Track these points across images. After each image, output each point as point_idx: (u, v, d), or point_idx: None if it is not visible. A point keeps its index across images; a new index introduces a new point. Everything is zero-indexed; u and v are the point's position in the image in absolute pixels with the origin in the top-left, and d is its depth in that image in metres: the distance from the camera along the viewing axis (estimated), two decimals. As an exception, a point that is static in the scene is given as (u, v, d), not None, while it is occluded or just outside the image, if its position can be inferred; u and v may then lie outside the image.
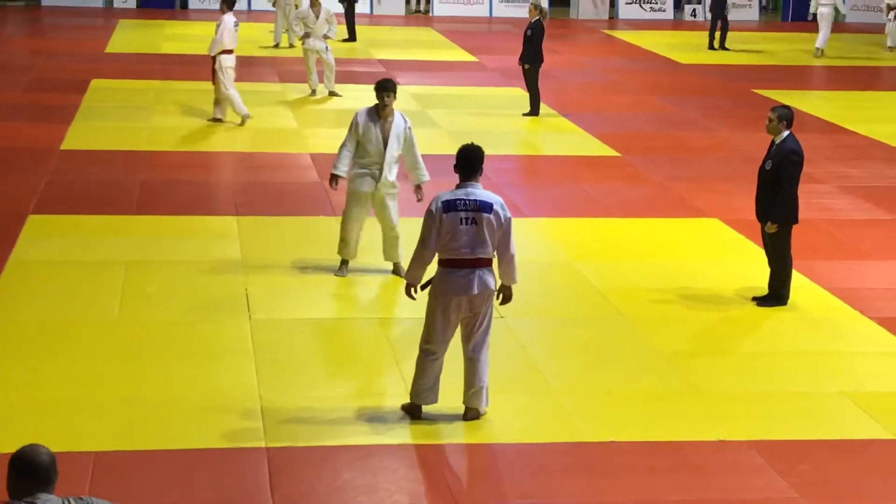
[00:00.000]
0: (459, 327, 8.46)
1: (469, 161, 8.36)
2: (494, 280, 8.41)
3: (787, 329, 10.74)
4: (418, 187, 11.47)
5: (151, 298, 10.87)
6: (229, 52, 17.74)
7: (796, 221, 11.07)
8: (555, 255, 12.67)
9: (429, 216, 8.29)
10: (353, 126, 11.26)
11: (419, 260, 8.43)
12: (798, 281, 11.53)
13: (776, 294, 11.19)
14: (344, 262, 11.64)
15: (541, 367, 9.63)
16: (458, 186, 8.37)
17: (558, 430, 8.52)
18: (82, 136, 17.31)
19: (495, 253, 8.38)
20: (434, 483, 7.78)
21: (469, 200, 8.23)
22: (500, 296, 8.57)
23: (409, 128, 11.33)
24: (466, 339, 8.46)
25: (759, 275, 11.51)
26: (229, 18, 17.74)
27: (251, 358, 9.56)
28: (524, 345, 10.08)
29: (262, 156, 16.74)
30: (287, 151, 16.98)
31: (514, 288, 8.60)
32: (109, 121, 18.40)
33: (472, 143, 8.46)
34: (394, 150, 11.25)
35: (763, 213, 11.08)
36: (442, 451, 8.22)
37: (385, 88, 11.07)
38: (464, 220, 8.20)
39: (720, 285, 11.69)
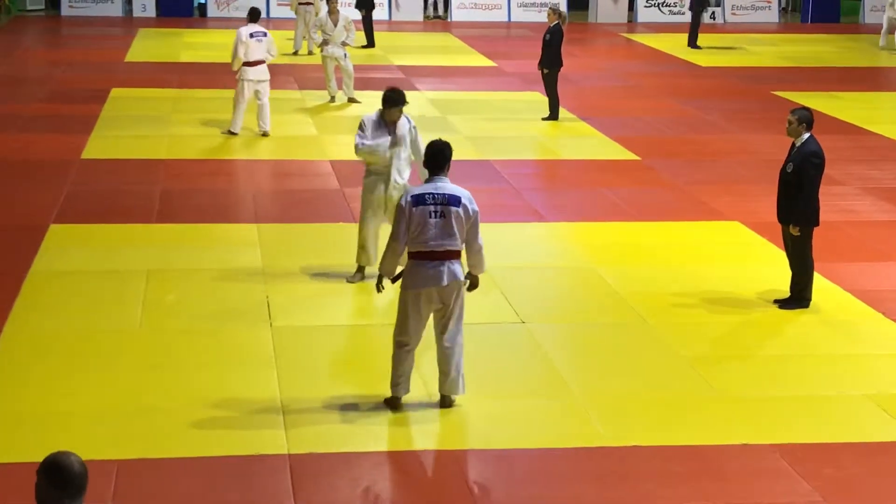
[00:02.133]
0: (432, 319, 8.70)
1: (436, 156, 8.62)
2: (462, 271, 8.63)
3: (810, 332, 10.70)
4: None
5: (173, 307, 10.90)
6: (252, 63, 17.68)
7: (817, 224, 11.03)
8: (575, 260, 12.65)
9: (399, 210, 8.58)
10: (363, 126, 11.34)
11: (391, 252, 8.71)
12: (820, 283, 11.48)
13: (798, 297, 11.16)
14: (360, 269, 11.67)
15: (562, 371, 9.61)
16: (426, 181, 8.64)
17: (580, 435, 8.50)
18: (102, 145, 17.38)
19: (464, 245, 8.62)
20: (455, 489, 7.77)
21: (438, 194, 8.49)
22: (468, 283, 8.81)
23: (414, 127, 11.43)
24: (441, 330, 8.69)
25: (780, 278, 11.47)
26: (244, 30, 17.65)
27: (273, 365, 9.58)
28: (545, 349, 10.07)
29: (281, 163, 16.78)
30: (307, 158, 17.01)
31: (534, 292, 8.71)
32: (129, 130, 18.46)
33: (440, 139, 8.77)
34: (402, 152, 11.32)
35: (784, 216, 11.05)
36: (463, 456, 8.22)
37: (397, 102, 11.13)
38: (433, 214, 8.45)
39: (741, 288, 11.66)
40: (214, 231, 13.31)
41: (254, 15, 18.09)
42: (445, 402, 8.80)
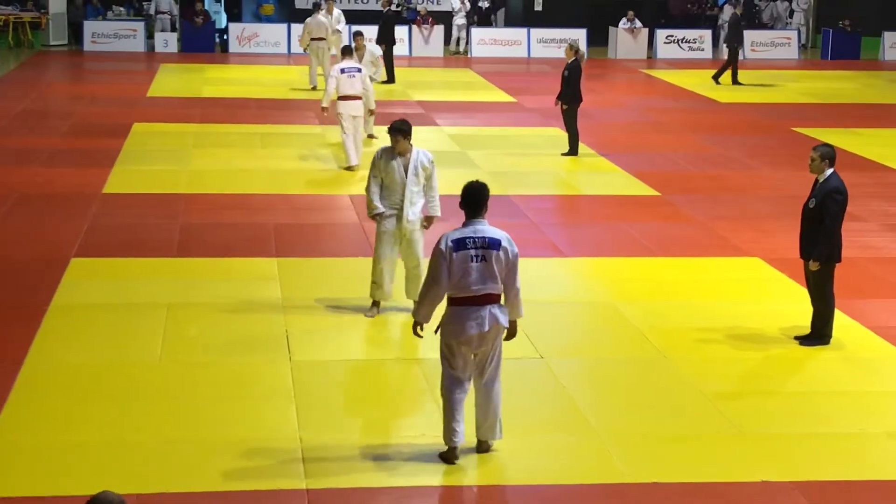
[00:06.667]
0: None
1: (474, 198, 8.42)
2: (505, 316, 8.42)
3: (831, 369, 10.65)
4: (428, 218, 11.63)
5: (193, 341, 10.92)
6: (344, 98, 18.28)
7: (839, 260, 11.00)
8: (595, 295, 12.63)
9: (438, 255, 8.32)
10: (374, 166, 11.44)
11: (430, 298, 8.45)
12: (841, 320, 11.44)
13: (819, 333, 11.11)
14: (375, 303, 11.70)
15: (581, 407, 9.58)
16: (464, 224, 8.42)
17: (599, 472, 8.47)
18: (124, 179, 17.46)
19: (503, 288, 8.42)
20: (475, 525, 7.75)
21: (478, 238, 8.30)
22: (505, 332, 8.54)
23: (432, 161, 11.47)
24: (479, 374, 8.51)
25: (801, 314, 11.43)
26: (336, 66, 18.59)
27: (292, 399, 9.58)
28: (565, 385, 10.04)
29: (301, 197, 16.83)
30: (326, 193, 17.07)
31: (553, 328, 8.64)
32: (151, 164, 18.56)
33: (478, 181, 8.53)
34: (413, 185, 11.36)
35: (807, 252, 11.01)
36: (481, 492, 8.19)
37: (397, 130, 11.21)
38: (474, 258, 8.26)
39: (762, 325, 11.62)
40: (234, 265, 13.35)
41: (346, 50, 19.07)
42: (483, 447, 8.62)
